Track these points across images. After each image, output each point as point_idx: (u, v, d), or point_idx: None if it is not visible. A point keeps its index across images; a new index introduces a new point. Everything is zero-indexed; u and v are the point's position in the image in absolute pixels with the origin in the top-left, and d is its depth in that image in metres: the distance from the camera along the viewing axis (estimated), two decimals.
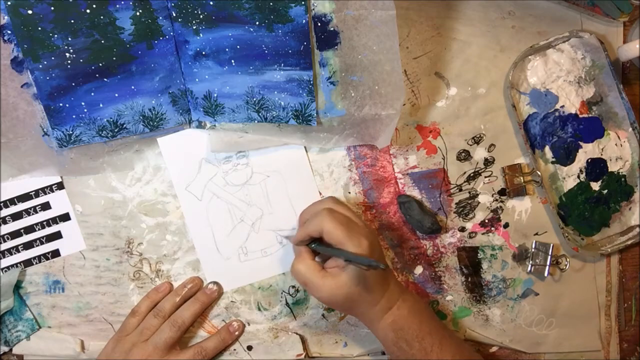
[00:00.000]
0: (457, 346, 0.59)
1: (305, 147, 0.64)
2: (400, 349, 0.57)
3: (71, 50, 0.55)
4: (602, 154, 0.68)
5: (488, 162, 0.67)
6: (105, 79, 0.57)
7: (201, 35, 0.57)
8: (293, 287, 0.65)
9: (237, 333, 0.64)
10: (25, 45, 0.55)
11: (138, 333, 0.60)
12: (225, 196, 0.64)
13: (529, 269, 0.67)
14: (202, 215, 0.63)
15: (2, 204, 0.62)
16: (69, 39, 0.55)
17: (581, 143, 0.67)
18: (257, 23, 0.57)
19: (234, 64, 0.58)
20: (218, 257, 0.64)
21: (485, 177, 0.67)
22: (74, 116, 0.58)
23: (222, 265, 0.64)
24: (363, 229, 0.56)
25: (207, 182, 0.63)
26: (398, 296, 0.58)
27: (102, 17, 0.55)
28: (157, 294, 0.63)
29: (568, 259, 0.67)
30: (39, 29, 0.54)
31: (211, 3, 0.56)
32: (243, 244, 0.64)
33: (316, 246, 0.57)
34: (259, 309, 0.65)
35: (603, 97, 0.68)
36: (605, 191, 0.68)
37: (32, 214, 0.62)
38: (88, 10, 0.54)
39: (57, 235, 0.62)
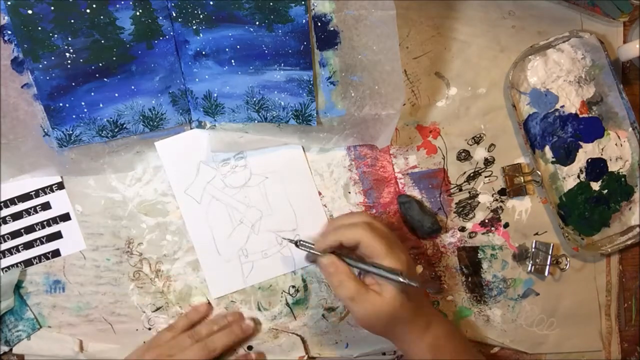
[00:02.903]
0: None
1: (303, 148, 0.64)
2: None
3: (71, 50, 0.55)
4: (602, 154, 0.67)
5: (488, 162, 0.67)
6: (105, 79, 0.57)
7: (201, 35, 0.57)
8: (293, 286, 0.65)
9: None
10: (26, 46, 0.55)
11: (168, 347, 0.60)
12: (224, 198, 0.64)
13: (529, 268, 0.67)
14: (202, 218, 0.63)
15: (2, 204, 0.62)
16: (69, 39, 0.55)
17: (581, 143, 0.67)
18: (257, 23, 0.57)
19: (234, 64, 0.58)
20: (219, 260, 0.64)
21: (485, 177, 0.67)
22: (74, 116, 0.58)
23: (222, 267, 0.64)
24: (401, 245, 0.55)
25: (206, 185, 0.63)
26: (432, 316, 0.57)
27: (102, 17, 0.55)
28: (196, 314, 0.63)
29: (568, 259, 0.67)
30: (39, 29, 0.54)
31: (211, 3, 0.56)
32: (243, 245, 0.64)
33: (349, 259, 0.54)
34: (259, 309, 0.65)
35: (603, 97, 0.67)
36: (605, 191, 0.68)
37: (33, 214, 0.62)
38: (88, 10, 0.54)
39: (57, 235, 0.62)
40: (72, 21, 0.54)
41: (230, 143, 0.62)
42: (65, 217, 0.62)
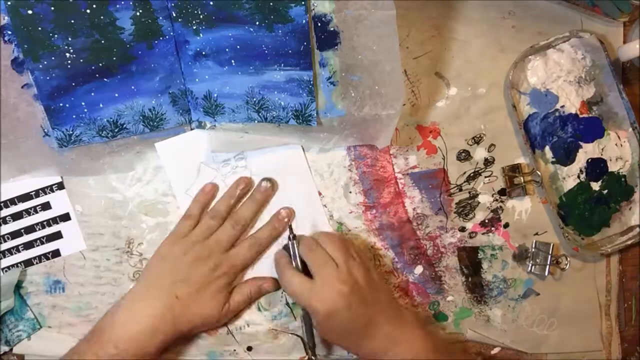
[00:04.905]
0: None
1: (303, 148, 0.64)
2: None
3: (71, 50, 0.55)
4: (602, 154, 0.68)
5: (488, 162, 0.67)
6: (105, 79, 0.57)
7: (201, 35, 0.57)
8: None
9: (286, 220, 0.63)
10: (26, 46, 0.55)
11: (199, 233, 0.59)
12: None
13: (529, 268, 0.67)
14: None
15: (2, 204, 0.62)
16: (69, 39, 0.55)
17: (581, 143, 0.67)
18: (257, 23, 0.57)
19: (234, 64, 0.58)
20: None
21: (485, 177, 0.67)
22: (74, 116, 0.58)
23: None
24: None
25: None
26: (400, 337, 0.57)
27: (102, 17, 0.55)
28: (205, 196, 0.62)
29: (568, 259, 0.67)
30: (39, 29, 0.54)
31: (211, 3, 0.56)
32: None
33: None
34: (259, 310, 0.64)
35: (603, 97, 0.68)
36: (605, 191, 0.68)
37: (33, 214, 0.62)
38: (88, 10, 0.54)
39: (58, 235, 0.62)
40: (73, 21, 0.54)
41: (230, 143, 0.62)
42: (65, 217, 0.62)
